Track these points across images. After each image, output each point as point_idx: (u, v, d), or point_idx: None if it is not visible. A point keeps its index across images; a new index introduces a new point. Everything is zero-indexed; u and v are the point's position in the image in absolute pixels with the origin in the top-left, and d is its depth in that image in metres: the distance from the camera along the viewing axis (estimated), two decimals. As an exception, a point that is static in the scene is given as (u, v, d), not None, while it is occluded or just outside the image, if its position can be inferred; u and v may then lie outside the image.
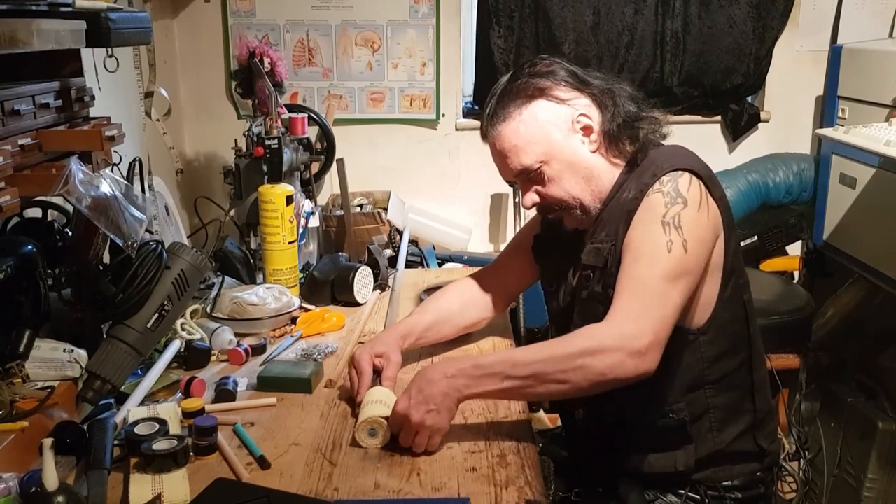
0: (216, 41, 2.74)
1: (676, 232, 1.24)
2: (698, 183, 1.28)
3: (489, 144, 1.41)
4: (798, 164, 2.80)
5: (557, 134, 1.35)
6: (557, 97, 1.35)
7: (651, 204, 1.27)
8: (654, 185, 1.28)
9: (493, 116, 1.38)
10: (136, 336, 1.39)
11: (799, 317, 2.52)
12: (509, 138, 1.36)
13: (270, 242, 1.91)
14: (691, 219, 1.25)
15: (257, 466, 1.20)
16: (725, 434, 1.36)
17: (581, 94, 1.36)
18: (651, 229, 1.26)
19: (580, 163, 1.36)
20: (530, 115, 1.35)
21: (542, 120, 1.35)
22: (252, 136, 2.07)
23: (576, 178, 1.36)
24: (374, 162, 2.84)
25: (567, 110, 1.35)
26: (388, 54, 2.77)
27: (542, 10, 2.71)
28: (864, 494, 2.56)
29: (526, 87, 1.36)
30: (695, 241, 1.25)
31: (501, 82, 1.41)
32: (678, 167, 1.29)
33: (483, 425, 1.33)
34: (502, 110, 1.37)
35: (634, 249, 1.27)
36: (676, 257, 1.23)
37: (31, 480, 1.07)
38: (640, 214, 1.28)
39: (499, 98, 1.38)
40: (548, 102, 1.35)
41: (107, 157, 1.47)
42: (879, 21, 2.79)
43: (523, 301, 2.48)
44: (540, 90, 1.35)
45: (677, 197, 1.26)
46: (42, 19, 1.18)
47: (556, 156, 1.35)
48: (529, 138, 1.35)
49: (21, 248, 1.32)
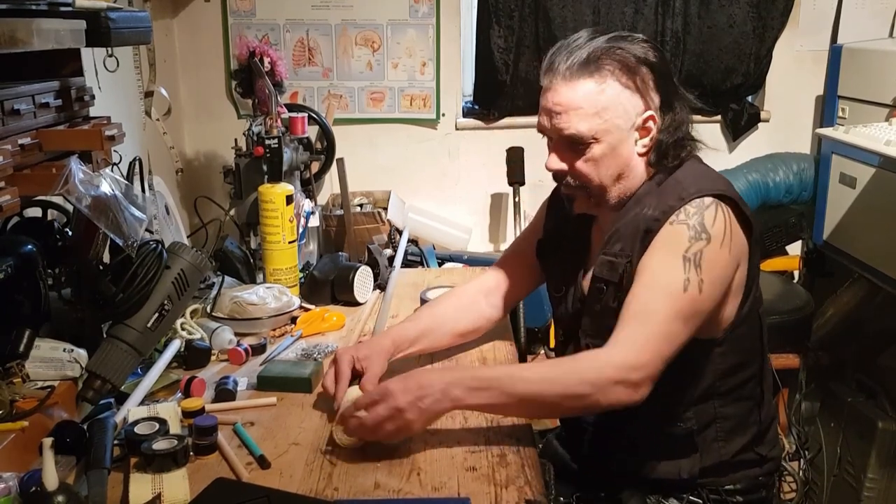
0: (216, 41, 2.74)
1: (695, 271, 1.22)
2: (724, 213, 1.25)
3: (547, 83, 1.31)
4: (798, 164, 2.80)
5: (624, 121, 1.29)
6: (643, 87, 1.29)
7: (674, 235, 1.25)
8: (681, 213, 1.25)
9: (578, 62, 1.27)
10: (136, 336, 1.39)
11: (799, 316, 2.52)
12: (580, 97, 1.27)
13: (270, 242, 1.91)
14: (712, 257, 1.23)
15: (257, 466, 1.20)
16: (731, 445, 1.36)
17: (658, 94, 1.30)
18: (670, 262, 1.24)
19: (625, 158, 1.31)
20: (614, 89, 1.27)
21: (621, 100, 1.28)
22: (252, 136, 2.07)
23: (613, 170, 1.31)
24: (374, 162, 2.84)
25: (642, 105, 1.29)
26: (388, 54, 2.77)
27: (542, 10, 2.71)
28: (864, 494, 2.56)
29: (625, 58, 1.27)
30: (711, 281, 1.23)
31: (598, 35, 1.30)
32: (705, 192, 1.26)
33: (483, 425, 1.33)
34: (590, 63, 1.27)
35: (650, 278, 1.25)
36: (690, 298, 1.22)
37: (31, 480, 1.07)
38: (662, 242, 1.26)
39: (592, 48, 1.27)
40: (633, 86, 1.28)
41: (107, 157, 1.47)
42: (879, 21, 2.79)
43: (523, 301, 2.48)
44: (633, 70, 1.27)
45: (702, 232, 1.23)
46: (42, 19, 1.18)
47: (611, 140, 1.29)
48: (599, 109, 1.27)
49: (21, 248, 1.31)
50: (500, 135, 2.83)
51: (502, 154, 2.73)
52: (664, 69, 1.32)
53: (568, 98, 1.28)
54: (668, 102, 1.30)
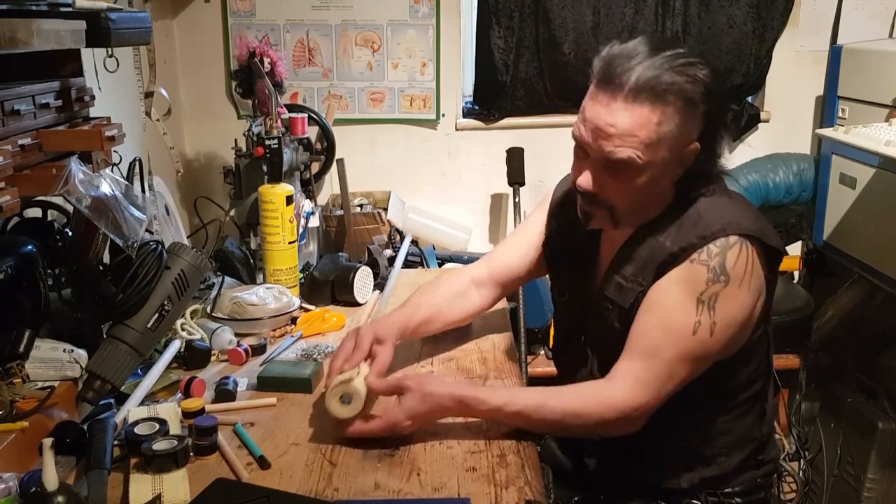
0: (216, 41, 2.74)
1: (708, 314, 1.20)
2: (747, 252, 1.21)
3: (601, 97, 1.21)
4: (798, 164, 2.80)
5: (671, 154, 1.21)
6: (697, 120, 1.21)
7: (692, 275, 1.21)
8: (702, 253, 1.21)
9: (642, 85, 1.17)
10: (136, 336, 1.39)
11: (799, 317, 2.52)
12: (637, 125, 1.18)
13: (270, 242, 1.91)
14: (728, 299, 1.20)
15: (257, 466, 1.20)
16: (732, 459, 1.36)
17: (705, 123, 1.22)
18: (684, 303, 1.21)
19: (657, 184, 1.25)
20: (673, 122, 1.19)
21: (675, 133, 1.20)
22: (252, 136, 2.07)
23: (643, 194, 1.25)
24: (374, 162, 2.84)
25: (690, 136, 1.22)
26: (388, 54, 2.77)
27: (542, 10, 2.71)
28: (864, 494, 2.57)
29: (690, 92, 1.18)
30: (725, 324, 1.21)
31: (660, 52, 1.19)
32: (731, 231, 1.22)
33: (483, 425, 1.32)
34: (655, 90, 1.17)
35: (661, 315, 1.23)
36: (699, 340, 1.21)
37: (31, 480, 1.07)
38: (678, 280, 1.22)
39: (658, 72, 1.17)
40: (690, 120, 1.20)
41: (107, 157, 1.47)
42: (879, 21, 2.79)
43: (523, 301, 2.48)
44: (694, 105, 1.19)
45: (721, 274, 1.20)
46: (42, 19, 1.18)
47: (650, 169, 1.22)
48: (653, 141, 1.19)
49: (21, 248, 1.32)
50: (500, 135, 2.83)
51: (502, 154, 2.73)
52: (721, 100, 1.25)
53: (624, 123, 1.19)
54: (712, 133, 1.24)
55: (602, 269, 1.37)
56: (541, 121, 2.84)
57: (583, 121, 1.24)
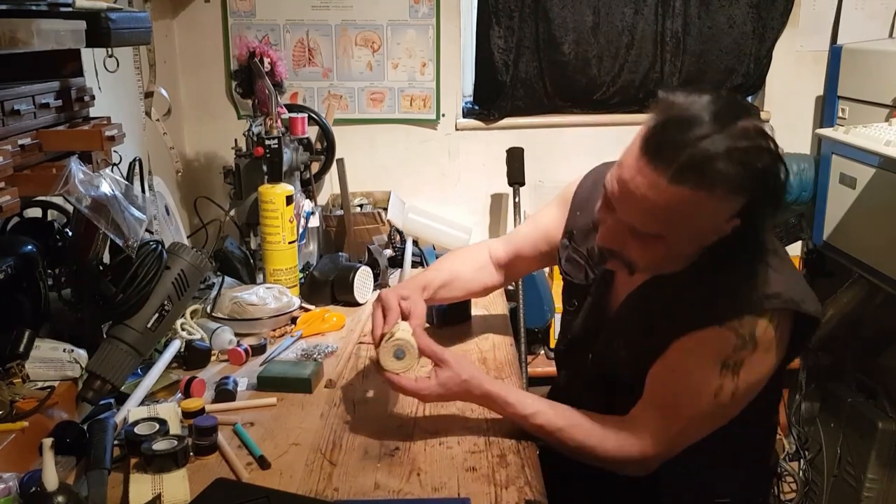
0: (216, 41, 2.74)
1: (731, 378, 1.16)
2: (778, 322, 1.17)
3: (647, 162, 1.10)
4: (798, 164, 2.80)
5: (701, 229, 1.14)
6: (739, 203, 1.10)
7: (720, 340, 1.16)
8: (733, 321, 1.15)
9: (694, 164, 1.06)
10: (136, 336, 1.39)
11: (799, 317, 2.51)
12: (673, 204, 1.09)
13: (270, 242, 1.91)
14: (754, 363, 1.17)
15: (257, 466, 1.20)
16: (729, 495, 1.36)
17: (747, 202, 1.11)
18: (707, 366, 1.17)
19: (684, 251, 1.20)
20: (712, 207, 1.10)
21: (710, 213, 1.11)
22: (252, 136, 2.07)
23: (666, 259, 1.20)
24: (374, 162, 2.84)
25: (730, 214, 1.12)
26: (388, 54, 2.77)
27: (542, 10, 2.71)
28: (864, 494, 2.56)
29: (742, 178, 1.07)
30: (747, 387, 1.18)
31: (723, 129, 1.06)
32: (768, 306, 1.16)
33: (483, 425, 1.33)
34: (704, 172, 1.06)
35: (683, 374, 1.19)
36: (719, 404, 1.18)
37: (31, 480, 1.07)
38: (705, 339, 1.17)
39: (712, 153, 1.06)
40: (732, 202, 1.10)
41: (107, 157, 1.47)
42: (879, 21, 2.79)
43: (523, 301, 2.49)
44: (740, 193, 1.09)
45: (750, 342, 1.16)
46: (42, 19, 1.18)
47: (678, 242, 1.16)
48: (685, 220, 1.12)
49: (21, 248, 1.32)
50: (500, 135, 2.82)
51: (502, 154, 2.73)
52: (775, 186, 1.12)
53: (659, 200, 1.10)
54: (757, 213, 1.14)
55: (617, 295, 1.35)
56: (541, 121, 2.84)
57: (618, 178, 1.15)
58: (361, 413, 1.38)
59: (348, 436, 1.29)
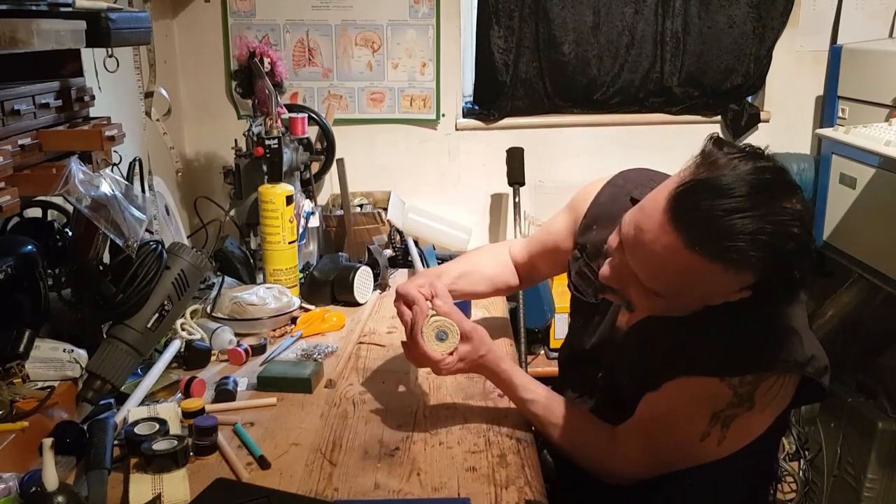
0: (216, 41, 2.74)
1: (720, 429, 1.14)
2: (780, 383, 1.13)
3: (664, 214, 1.04)
4: (798, 164, 2.80)
5: (696, 294, 1.11)
6: (747, 281, 1.05)
7: (716, 393, 1.13)
8: (734, 379, 1.12)
9: (716, 233, 1.00)
10: (136, 336, 1.39)
11: (799, 317, 2.51)
12: (692, 272, 1.04)
13: (270, 242, 1.91)
14: (746, 420, 1.14)
15: (257, 466, 1.20)
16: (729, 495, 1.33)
17: (759, 277, 1.05)
18: (699, 414, 1.15)
19: (678, 308, 1.16)
20: (707, 276, 1.04)
21: (706, 286, 1.07)
22: (252, 136, 2.07)
23: (660, 310, 1.18)
24: (374, 162, 2.84)
25: (726, 295, 1.09)
26: (388, 54, 2.77)
27: (542, 10, 2.71)
28: (864, 494, 2.56)
29: (759, 262, 1.01)
30: (734, 438, 1.15)
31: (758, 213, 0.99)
32: (773, 371, 1.12)
33: (483, 425, 1.33)
34: (730, 251, 1.00)
35: (673, 411, 1.18)
36: (704, 448, 1.16)
37: (31, 480, 1.07)
38: (698, 391, 1.15)
39: (742, 224, 0.99)
40: (743, 277, 1.04)
41: (107, 157, 1.47)
42: (879, 21, 2.79)
43: (523, 301, 2.49)
44: (756, 271, 1.03)
45: (746, 401, 1.12)
46: (42, 19, 1.18)
47: (673, 299, 1.13)
48: (678, 280, 1.08)
49: (21, 248, 1.31)
50: (500, 135, 2.82)
51: (502, 154, 2.73)
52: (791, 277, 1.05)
53: (672, 261, 1.05)
54: (769, 288, 1.07)
55: (626, 316, 1.33)
56: (541, 121, 2.84)
57: (635, 224, 1.09)
58: (361, 413, 1.38)
59: (348, 436, 1.30)
